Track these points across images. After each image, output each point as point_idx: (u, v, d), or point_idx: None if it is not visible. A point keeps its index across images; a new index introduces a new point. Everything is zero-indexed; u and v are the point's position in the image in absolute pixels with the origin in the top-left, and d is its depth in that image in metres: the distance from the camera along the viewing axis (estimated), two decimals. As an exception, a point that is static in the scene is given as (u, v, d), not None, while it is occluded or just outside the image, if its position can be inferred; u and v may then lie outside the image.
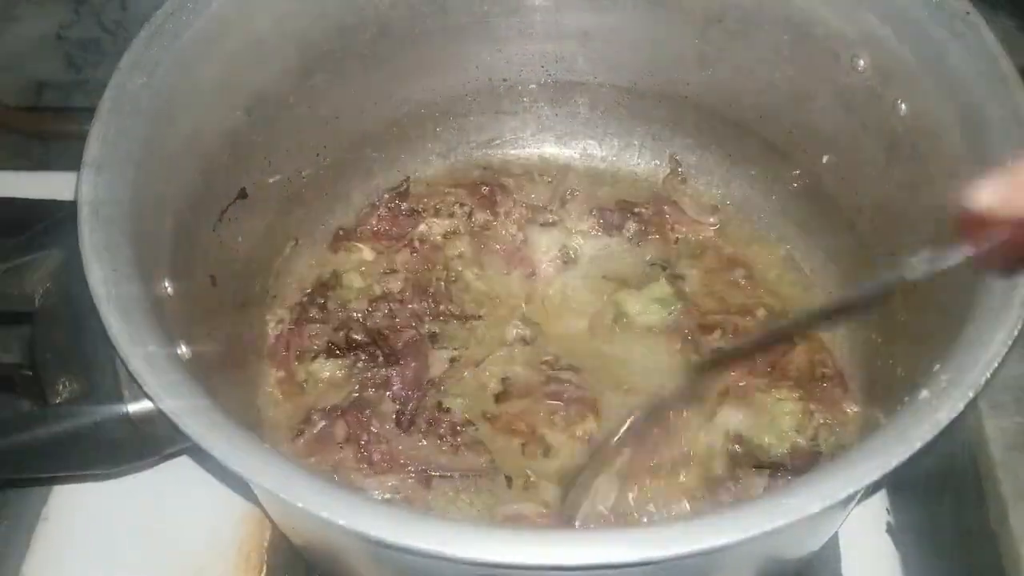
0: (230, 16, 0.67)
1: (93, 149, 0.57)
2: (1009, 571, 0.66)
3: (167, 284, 0.60)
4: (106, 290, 0.51)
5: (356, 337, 0.74)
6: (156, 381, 0.48)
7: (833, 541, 0.72)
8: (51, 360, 0.55)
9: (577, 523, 0.65)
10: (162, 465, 0.74)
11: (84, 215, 0.54)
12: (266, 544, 0.74)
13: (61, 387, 0.54)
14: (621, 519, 0.65)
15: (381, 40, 0.79)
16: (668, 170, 0.88)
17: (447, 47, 0.83)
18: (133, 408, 0.53)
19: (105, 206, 0.55)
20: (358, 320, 0.76)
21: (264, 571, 0.73)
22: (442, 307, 0.78)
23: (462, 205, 0.83)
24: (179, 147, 0.65)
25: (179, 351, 0.55)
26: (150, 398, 0.48)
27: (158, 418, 0.49)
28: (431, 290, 0.79)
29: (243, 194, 0.74)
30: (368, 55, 0.79)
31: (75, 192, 0.55)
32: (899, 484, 0.77)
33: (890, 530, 0.74)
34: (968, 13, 0.61)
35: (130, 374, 0.49)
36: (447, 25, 0.81)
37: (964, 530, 0.73)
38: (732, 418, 0.70)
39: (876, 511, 0.75)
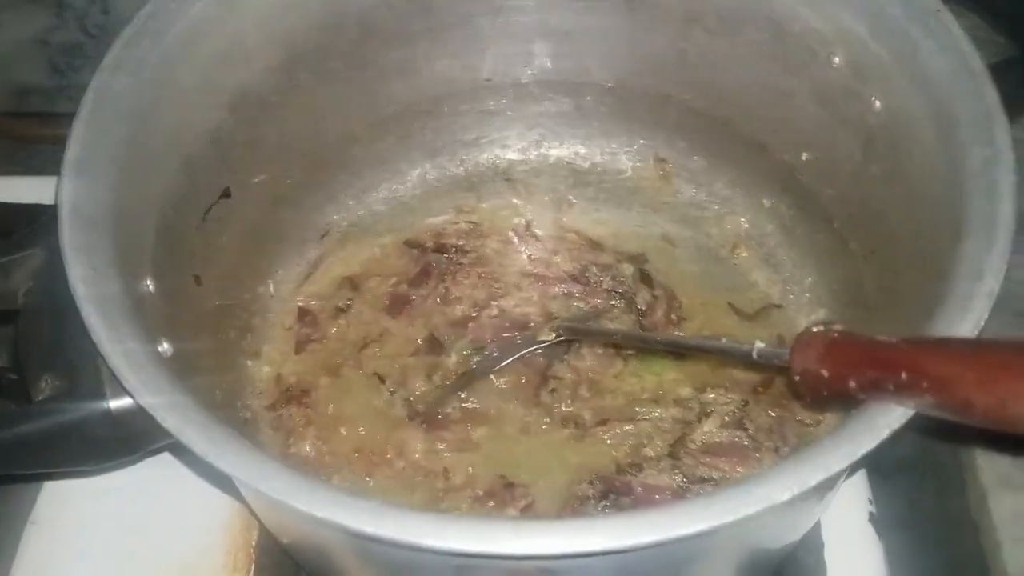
0: (212, 16, 0.67)
1: (74, 150, 0.58)
2: (989, 558, 0.67)
3: (149, 282, 0.60)
4: (86, 288, 0.52)
5: None
6: (135, 377, 0.49)
7: (816, 531, 0.73)
8: (34, 357, 0.56)
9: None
10: (151, 466, 0.75)
11: (64, 215, 0.55)
12: (254, 543, 0.74)
13: (44, 384, 0.55)
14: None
15: (365, 40, 0.79)
16: (653, 168, 0.89)
17: (431, 47, 0.83)
18: (115, 405, 0.54)
19: (86, 206, 0.56)
20: None
21: (252, 570, 0.73)
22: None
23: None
24: (162, 147, 0.65)
25: (160, 348, 0.55)
26: (129, 394, 0.48)
27: (139, 414, 0.50)
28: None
29: (227, 193, 0.74)
30: (352, 55, 0.80)
31: (56, 192, 0.56)
32: (882, 474, 0.78)
33: (872, 520, 0.75)
34: (939, 10, 0.62)
35: (111, 371, 0.49)
36: (431, 26, 0.82)
37: (946, 519, 0.74)
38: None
39: (859, 501, 0.76)
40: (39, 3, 1.02)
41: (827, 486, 0.48)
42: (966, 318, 0.50)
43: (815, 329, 0.51)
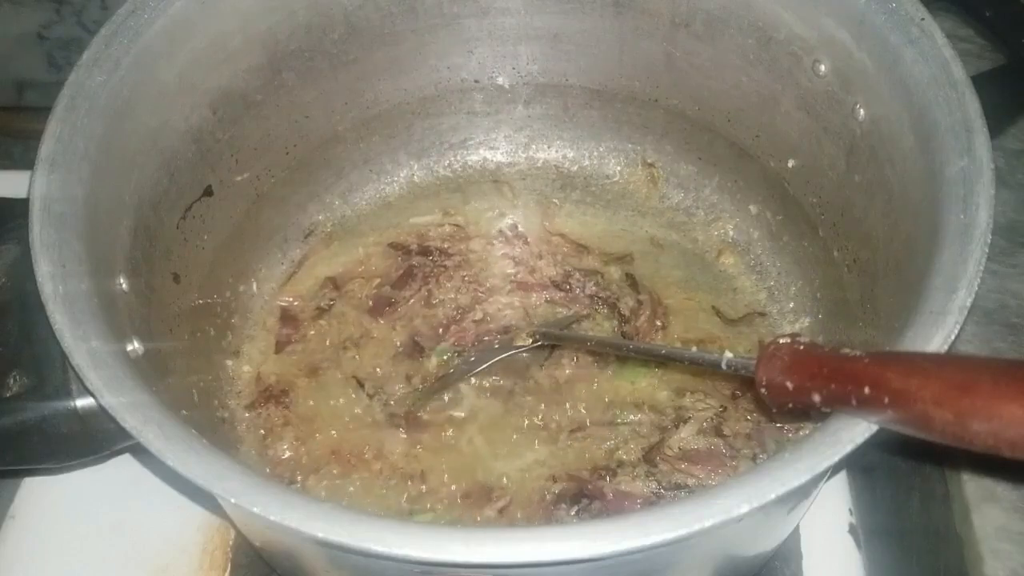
0: (193, 15, 0.67)
1: (47, 146, 0.58)
2: (971, 572, 0.66)
3: (123, 280, 0.60)
4: (53, 285, 0.52)
5: None
6: (97, 376, 0.49)
7: (795, 541, 0.72)
8: (2, 354, 0.56)
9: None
10: (130, 463, 0.75)
11: (35, 212, 0.55)
12: (231, 543, 0.75)
13: (12, 381, 0.55)
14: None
15: (350, 40, 0.79)
16: (641, 173, 0.89)
17: (417, 48, 0.83)
18: (81, 403, 0.54)
19: (57, 203, 0.56)
20: None
21: (229, 570, 0.73)
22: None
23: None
24: (140, 144, 0.65)
25: (129, 347, 0.55)
26: (91, 393, 0.48)
27: (103, 413, 0.50)
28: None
29: (209, 191, 0.74)
30: (337, 55, 0.79)
31: (28, 189, 0.56)
32: (862, 485, 0.77)
33: (852, 531, 0.74)
34: (923, 19, 0.61)
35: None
36: (417, 27, 0.81)
37: (927, 531, 0.73)
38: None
39: (839, 511, 0.75)
40: (38, -2, 1.02)
41: (791, 498, 0.47)
42: (937, 331, 0.49)
43: (781, 340, 0.50)
